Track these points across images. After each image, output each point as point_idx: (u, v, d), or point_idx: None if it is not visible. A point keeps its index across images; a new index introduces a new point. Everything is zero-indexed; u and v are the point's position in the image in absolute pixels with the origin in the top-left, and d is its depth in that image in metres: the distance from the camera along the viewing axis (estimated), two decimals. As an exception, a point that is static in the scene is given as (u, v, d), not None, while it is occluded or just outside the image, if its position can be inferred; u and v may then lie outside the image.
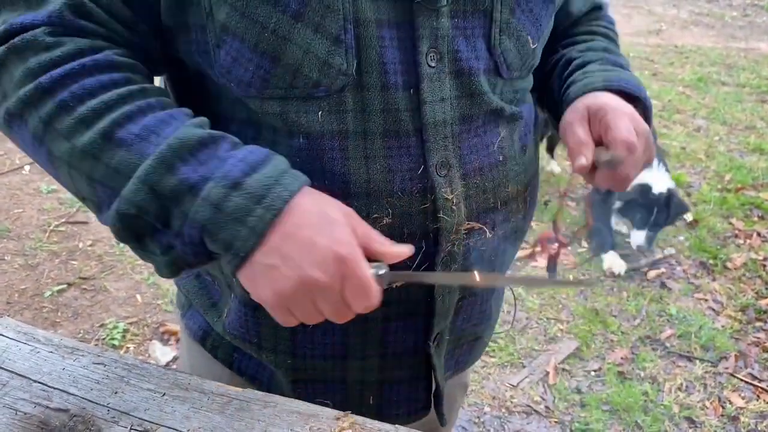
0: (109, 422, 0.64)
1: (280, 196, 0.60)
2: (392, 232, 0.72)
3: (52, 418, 0.64)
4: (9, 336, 0.75)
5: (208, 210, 0.59)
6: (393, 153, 0.71)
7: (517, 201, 0.81)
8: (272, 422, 0.63)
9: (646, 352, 2.56)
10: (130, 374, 0.70)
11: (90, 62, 0.63)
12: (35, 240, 2.99)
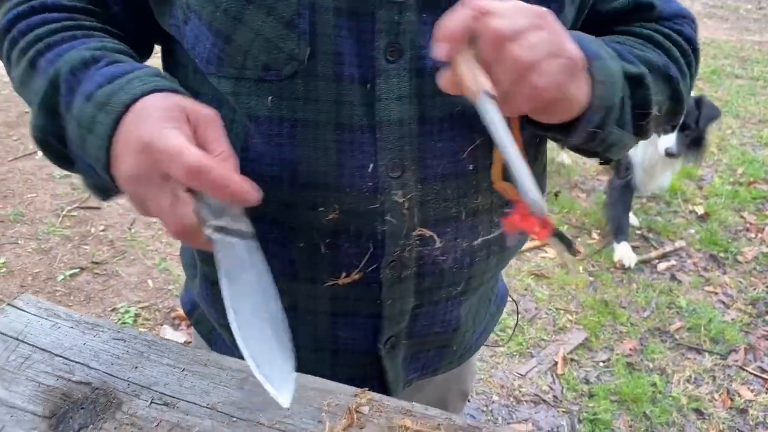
0: (130, 395, 0.65)
1: (120, 101, 0.59)
2: (338, 228, 0.71)
3: (74, 391, 0.65)
4: (30, 312, 0.76)
5: (73, 126, 0.62)
6: (344, 147, 0.68)
7: (490, 213, 0.77)
8: (290, 398, 0.64)
9: (655, 343, 2.56)
10: (149, 350, 0.71)
11: (38, 4, 0.70)
12: (48, 224, 3.02)
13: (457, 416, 0.62)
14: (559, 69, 0.57)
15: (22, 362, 0.69)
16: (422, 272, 0.75)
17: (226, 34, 0.66)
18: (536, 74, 0.55)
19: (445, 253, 0.75)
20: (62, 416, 0.62)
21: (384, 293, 0.75)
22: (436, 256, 0.75)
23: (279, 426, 0.61)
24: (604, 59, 0.64)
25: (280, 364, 0.59)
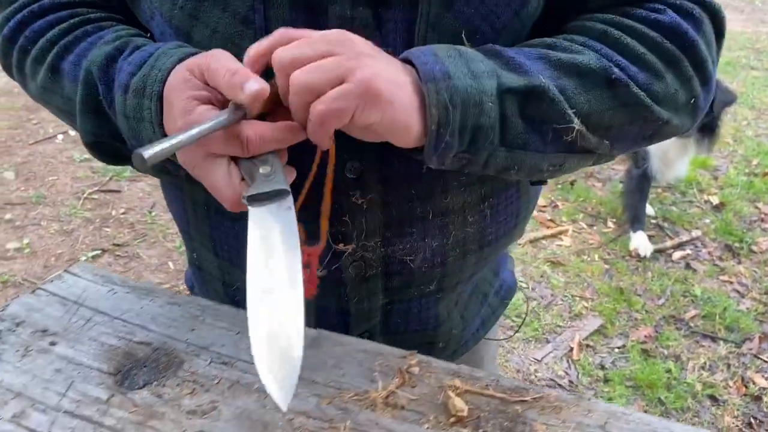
0: (189, 355, 0.68)
1: (155, 80, 0.60)
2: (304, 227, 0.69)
3: (136, 350, 0.68)
4: (87, 278, 0.80)
5: (122, 121, 0.64)
6: (303, 146, 0.64)
7: (463, 213, 0.74)
8: (343, 359, 0.67)
9: (670, 331, 2.59)
10: (204, 314, 0.74)
11: (36, 8, 0.71)
12: (70, 207, 3.06)
13: (504, 378, 0.64)
14: (340, 94, 0.53)
15: (83, 324, 0.72)
16: (389, 271, 0.75)
17: (185, 31, 0.65)
18: (317, 100, 0.54)
19: (412, 253, 0.74)
20: (127, 373, 0.66)
21: (349, 291, 0.75)
22: (402, 256, 0.74)
23: (333, 384, 0.64)
24: (454, 79, 0.57)
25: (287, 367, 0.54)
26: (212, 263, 0.85)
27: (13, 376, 0.65)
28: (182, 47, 0.64)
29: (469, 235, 0.76)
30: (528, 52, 0.64)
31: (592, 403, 0.61)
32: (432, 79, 0.57)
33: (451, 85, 0.57)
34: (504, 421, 0.60)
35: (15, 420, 0.60)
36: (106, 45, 0.67)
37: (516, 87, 0.60)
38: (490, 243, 0.80)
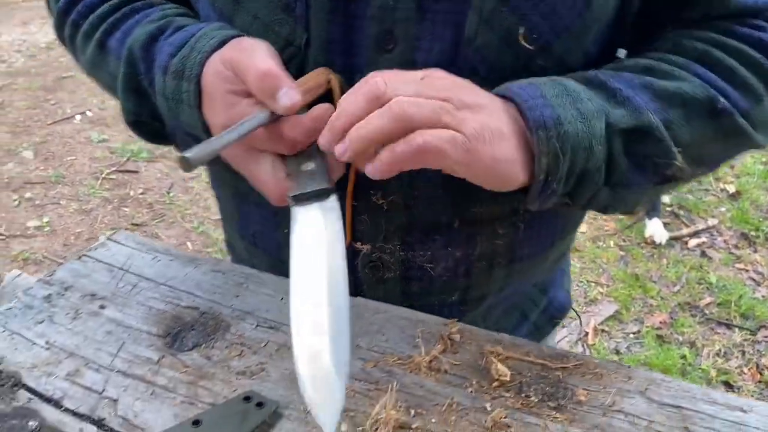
0: (236, 319, 0.69)
1: (194, 62, 0.60)
2: None
3: (183, 314, 0.70)
4: (130, 246, 0.81)
5: (161, 102, 0.65)
6: None
7: (493, 224, 0.71)
8: (384, 326, 0.68)
9: (685, 317, 2.59)
10: (247, 281, 0.75)
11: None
12: (88, 186, 3.09)
13: (545, 346, 0.66)
14: (452, 138, 0.52)
15: (131, 289, 0.74)
16: (408, 276, 0.73)
17: (228, 16, 0.65)
18: (422, 130, 0.52)
19: (433, 260, 0.72)
20: (176, 336, 0.67)
21: (366, 291, 0.74)
22: (422, 262, 0.72)
23: (377, 349, 0.65)
24: (565, 125, 0.55)
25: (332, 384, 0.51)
26: (240, 244, 0.87)
27: (66, 337, 0.67)
28: (224, 29, 0.63)
29: (497, 247, 0.73)
30: (631, 79, 0.60)
31: (633, 371, 0.63)
32: (542, 126, 0.55)
33: (562, 132, 0.55)
34: (546, 386, 0.61)
35: (70, 378, 0.62)
36: (149, 24, 0.67)
37: (625, 127, 0.58)
38: (521, 259, 0.76)
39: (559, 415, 0.58)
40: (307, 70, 0.62)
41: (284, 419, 0.58)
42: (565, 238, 0.84)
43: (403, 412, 0.58)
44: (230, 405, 0.59)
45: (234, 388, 0.61)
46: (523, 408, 0.59)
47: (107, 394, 0.61)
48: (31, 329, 0.68)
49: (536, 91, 0.56)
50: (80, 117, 3.67)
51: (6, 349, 0.66)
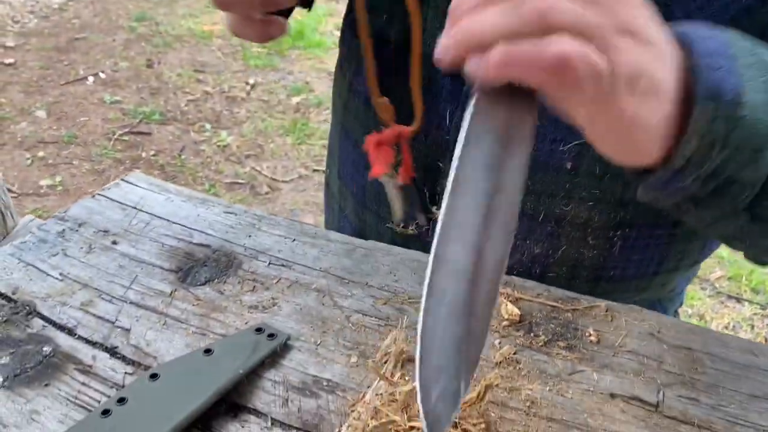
0: (248, 257, 0.70)
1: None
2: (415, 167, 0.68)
3: (196, 251, 0.70)
4: (143, 186, 0.81)
5: None
6: (432, 89, 0.65)
7: (584, 230, 0.65)
8: (396, 267, 0.69)
9: (695, 290, 2.58)
10: (260, 222, 0.75)
11: None
12: (101, 147, 3.09)
13: (555, 288, 0.66)
14: (597, 63, 0.36)
15: (144, 226, 0.74)
16: None
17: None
18: (562, 37, 0.35)
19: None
20: (188, 271, 0.68)
21: None
22: None
23: (388, 288, 0.66)
24: (745, 108, 0.40)
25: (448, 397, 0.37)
26: (335, 182, 0.88)
27: (79, 270, 0.68)
28: None
29: (583, 258, 0.67)
30: None
31: (644, 313, 0.62)
32: (715, 96, 0.39)
33: (737, 117, 0.40)
34: (556, 326, 0.61)
35: (83, 308, 0.63)
36: None
37: None
38: (610, 279, 0.70)
39: (569, 353, 0.58)
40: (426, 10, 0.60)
41: (295, 350, 0.58)
42: (676, 270, 0.72)
43: (413, 347, 0.58)
44: (242, 335, 0.59)
45: (246, 321, 0.61)
46: (533, 346, 0.59)
47: (120, 324, 0.61)
48: (45, 261, 0.69)
49: (726, 48, 0.40)
50: (93, 78, 3.66)
51: (21, 279, 0.66)
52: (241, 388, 0.55)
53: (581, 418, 0.52)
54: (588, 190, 0.63)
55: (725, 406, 0.53)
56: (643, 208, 0.63)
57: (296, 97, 3.65)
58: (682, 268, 0.74)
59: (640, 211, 0.64)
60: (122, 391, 0.54)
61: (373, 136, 0.59)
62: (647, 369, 0.56)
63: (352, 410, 0.52)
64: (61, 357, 0.58)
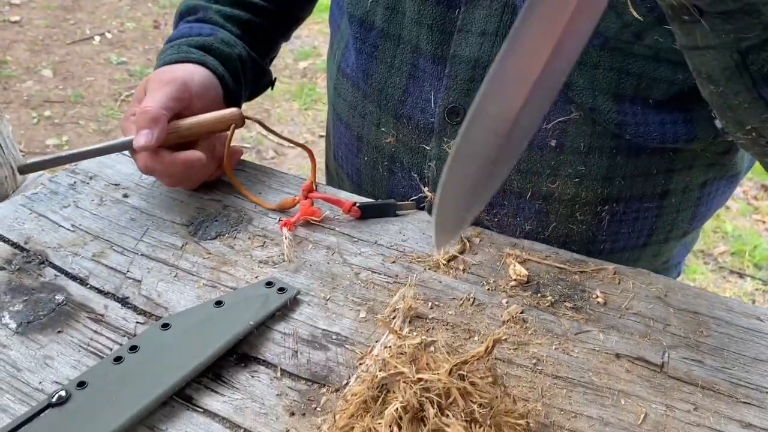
0: (258, 214, 0.70)
1: (158, 62, 0.73)
2: (394, 155, 0.71)
3: (207, 206, 0.71)
4: (154, 142, 0.81)
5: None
6: (416, 74, 0.67)
7: (572, 206, 0.67)
8: (406, 226, 0.69)
9: (698, 264, 2.59)
10: (270, 180, 0.75)
11: None
12: (107, 108, 3.08)
13: (563, 251, 0.66)
14: None
15: (154, 180, 0.74)
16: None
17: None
18: None
19: (500, 227, 0.70)
20: (199, 225, 0.68)
21: None
22: (490, 225, 0.71)
23: (396, 247, 0.66)
24: None
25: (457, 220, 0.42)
26: (332, 164, 0.88)
27: (91, 221, 0.68)
28: (200, 48, 0.74)
29: (573, 233, 0.69)
30: None
31: (652, 276, 0.63)
32: None
33: None
34: (563, 288, 0.61)
35: (95, 259, 0.64)
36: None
37: None
38: (600, 253, 0.71)
39: (576, 314, 0.59)
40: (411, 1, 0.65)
41: (304, 305, 0.59)
42: (667, 241, 0.74)
43: (421, 304, 0.59)
44: (252, 288, 0.60)
45: (256, 275, 0.62)
46: (540, 306, 0.59)
47: (131, 275, 0.62)
48: (56, 212, 0.69)
49: None
50: (99, 38, 3.63)
51: (33, 229, 0.67)
52: (251, 339, 0.55)
53: (586, 376, 0.53)
54: (574, 166, 0.64)
55: (729, 368, 0.54)
56: (629, 182, 0.64)
57: (303, 61, 3.62)
58: (672, 239, 0.74)
59: (627, 186, 0.65)
60: (134, 339, 0.54)
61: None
62: (653, 331, 0.57)
63: (360, 363, 0.53)
64: (74, 305, 0.58)
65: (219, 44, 0.75)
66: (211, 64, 0.72)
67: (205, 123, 0.68)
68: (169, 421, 0.49)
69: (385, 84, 0.70)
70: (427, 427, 0.43)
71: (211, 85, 0.71)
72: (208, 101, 0.71)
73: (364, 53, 0.71)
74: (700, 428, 0.49)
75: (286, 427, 0.48)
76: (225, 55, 0.75)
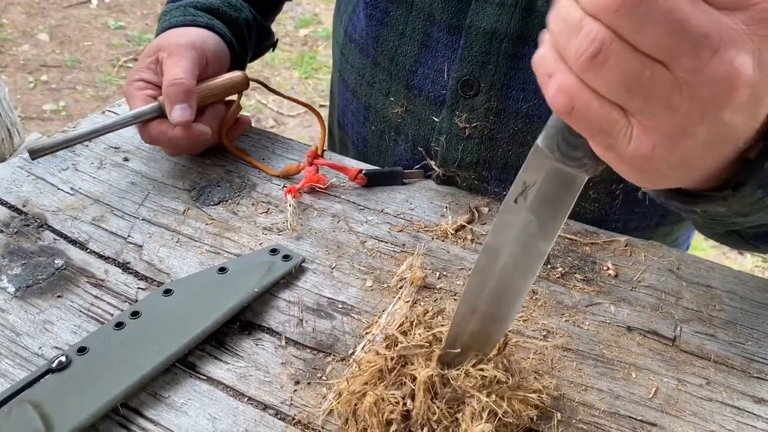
0: (262, 179, 0.68)
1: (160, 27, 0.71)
2: (401, 125, 0.69)
3: (209, 171, 0.69)
4: (154, 105, 0.79)
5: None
6: (428, 43, 0.65)
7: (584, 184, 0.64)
8: (413, 195, 0.67)
9: (698, 241, 2.58)
10: (273, 145, 0.74)
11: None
12: (104, 73, 3.04)
13: (574, 221, 0.65)
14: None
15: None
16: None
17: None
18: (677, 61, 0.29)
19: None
20: (201, 190, 0.66)
21: None
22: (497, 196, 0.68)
23: (403, 216, 0.64)
24: None
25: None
26: (336, 131, 0.86)
27: (91, 185, 0.67)
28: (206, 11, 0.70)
29: (585, 211, 0.67)
30: None
31: (665, 249, 0.62)
32: None
33: None
34: (574, 259, 0.60)
35: (95, 223, 0.62)
36: None
37: None
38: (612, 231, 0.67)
39: (586, 286, 0.57)
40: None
41: (309, 273, 0.58)
42: (683, 220, 0.73)
43: (429, 274, 0.58)
44: (256, 255, 0.58)
45: (260, 242, 0.61)
46: (549, 278, 0.58)
47: (132, 240, 0.60)
48: (55, 175, 0.67)
49: None
50: (96, 2, 3.57)
51: (31, 192, 0.65)
52: (255, 306, 0.54)
53: (597, 349, 0.52)
54: None
55: (742, 342, 0.53)
56: None
57: (304, 29, 3.56)
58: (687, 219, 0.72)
59: None
60: (136, 305, 0.53)
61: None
62: (665, 304, 0.56)
63: (367, 332, 0.52)
64: (74, 270, 0.57)
65: (226, 7, 0.72)
66: (219, 28, 0.70)
67: (216, 90, 0.67)
68: (172, 388, 0.48)
69: (395, 52, 0.68)
70: (445, 397, 0.42)
71: (222, 51, 0.70)
72: (218, 67, 0.69)
73: (374, 19, 0.69)
74: (712, 403, 0.48)
75: (290, 396, 0.47)
76: (232, 18, 0.73)
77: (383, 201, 0.66)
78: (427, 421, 0.42)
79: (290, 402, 0.47)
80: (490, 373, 0.43)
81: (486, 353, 0.45)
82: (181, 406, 0.47)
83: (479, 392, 0.42)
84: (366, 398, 0.43)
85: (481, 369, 0.44)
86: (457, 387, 0.42)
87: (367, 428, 0.43)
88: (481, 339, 0.44)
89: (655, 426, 0.46)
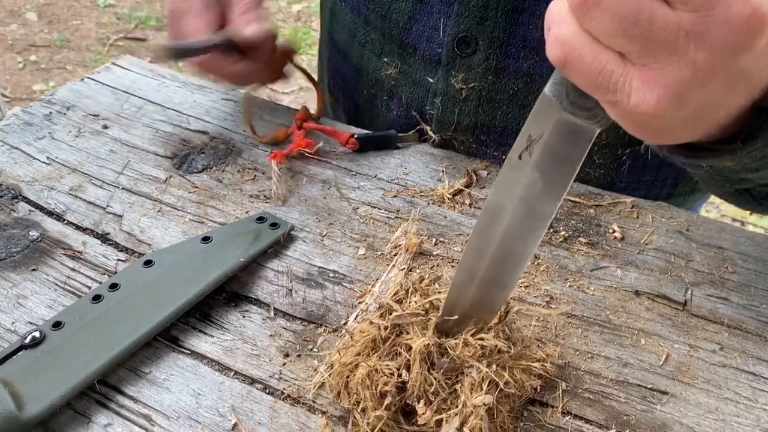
0: (248, 145, 0.65)
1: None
2: (394, 88, 0.66)
3: (192, 138, 0.66)
4: (135, 71, 0.76)
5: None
6: (418, 2, 0.61)
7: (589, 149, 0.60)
8: (407, 159, 0.64)
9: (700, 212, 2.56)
10: (261, 111, 0.70)
11: None
12: (95, 53, 2.98)
13: (577, 183, 0.61)
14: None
15: (136, 111, 0.69)
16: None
17: None
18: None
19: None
20: (184, 157, 0.63)
21: None
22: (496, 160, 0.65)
23: (397, 181, 0.61)
24: None
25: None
26: (327, 99, 0.82)
27: (68, 154, 0.63)
28: None
29: (589, 177, 0.64)
30: None
31: (673, 210, 0.58)
32: None
33: None
34: (577, 222, 0.57)
35: (73, 193, 0.59)
36: None
37: None
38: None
39: (591, 250, 0.54)
40: None
41: (299, 241, 0.55)
42: (695, 192, 0.70)
43: (425, 240, 0.55)
44: (242, 224, 0.55)
45: (246, 210, 0.57)
46: (552, 242, 0.55)
47: (111, 210, 0.57)
48: (30, 144, 0.64)
49: None
50: (85, -20, 3.50)
51: (5, 162, 0.62)
52: (241, 277, 0.51)
53: (603, 315, 0.49)
54: None
55: (757, 306, 0.50)
56: None
57: (297, 5, 3.50)
58: (699, 189, 0.70)
59: None
60: (115, 277, 0.50)
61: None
62: (674, 267, 0.53)
63: (360, 302, 0.49)
64: (49, 242, 0.54)
65: None
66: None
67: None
68: (153, 363, 0.45)
69: (389, 9, 0.64)
70: (442, 367, 0.39)
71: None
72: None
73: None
74: (726, 369, 0.45)
75: (279, 369, 0.45)
76: None
77: (376, 166, 0.63)
78: (424, 393, 0.39)
79: (279, 376, 0.44)
80: (490, 342, 0.41)
81: (486, 321, 0.42)
82: (162, 381, 0.44)
83: (479, 362, 0.39)
84: (359, 370, 0.40)
85: (481, 338, 0.41)
86: (455, 357, 0.40)
87: (360, 401, 0.40)
88: (481, 306, 0.42)
89: (666, 394, 0.44)
